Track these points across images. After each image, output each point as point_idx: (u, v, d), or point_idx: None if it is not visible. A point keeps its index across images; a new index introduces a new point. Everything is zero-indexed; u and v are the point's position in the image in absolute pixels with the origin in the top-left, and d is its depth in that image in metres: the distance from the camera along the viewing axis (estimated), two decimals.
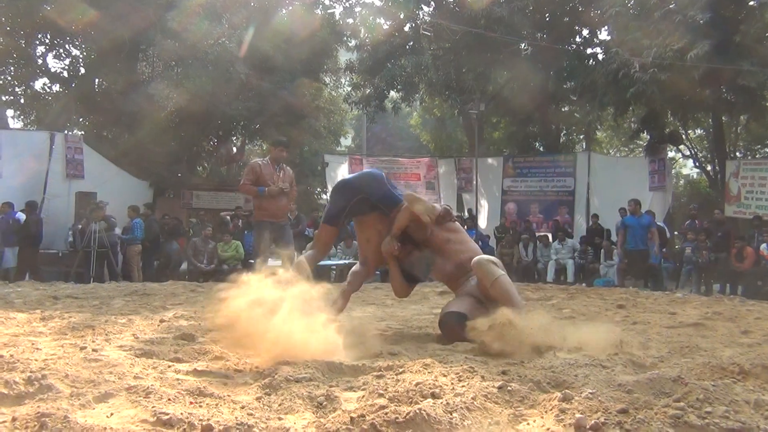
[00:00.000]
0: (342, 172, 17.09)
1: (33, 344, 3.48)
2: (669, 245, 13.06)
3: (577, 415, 2.01)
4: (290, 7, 17.36)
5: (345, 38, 18.20)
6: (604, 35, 16.61)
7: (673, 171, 20.57)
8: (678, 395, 2.30)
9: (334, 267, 12.35)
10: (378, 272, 12.35)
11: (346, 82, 21.02)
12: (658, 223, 13.16)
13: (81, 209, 12.83)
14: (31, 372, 2.55)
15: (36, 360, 2.92)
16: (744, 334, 4.34)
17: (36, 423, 1.88)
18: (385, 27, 17.78)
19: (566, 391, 2.32)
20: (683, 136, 19.72)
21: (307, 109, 17.97)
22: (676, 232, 14.23)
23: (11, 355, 2.98)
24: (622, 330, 4.44)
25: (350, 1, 18.44)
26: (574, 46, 16.67)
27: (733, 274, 11.37)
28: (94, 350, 3.27)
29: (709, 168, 19.97)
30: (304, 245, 12.96)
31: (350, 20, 18.15)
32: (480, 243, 13.81)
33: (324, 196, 20.82)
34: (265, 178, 6.84)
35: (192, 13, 14.09)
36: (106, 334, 3.93)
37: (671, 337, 4.17)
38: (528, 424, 2.08)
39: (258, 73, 15.24)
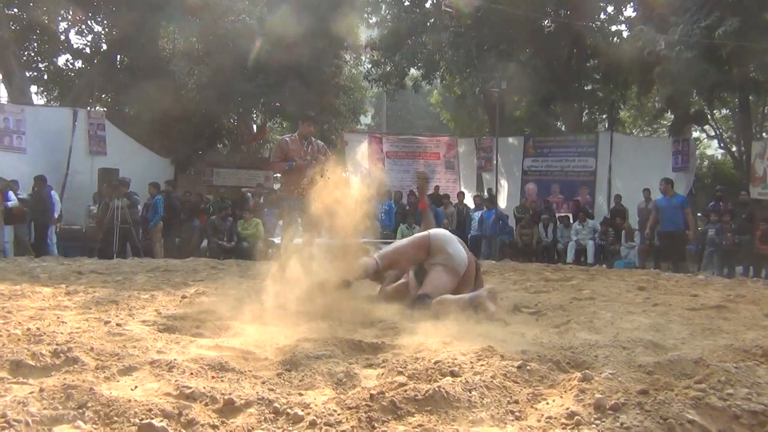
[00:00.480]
0: (361, 150, 17.05)
1: (58, 318, 3.55)
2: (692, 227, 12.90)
3: (597, 396, 2.01)
4: None
5: (366, 15, 18.04)
6: (629, 12, 16.31)
7: (697, 152, 20.26)
8: (699, 377, 2.28)
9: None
10: None
11: (367, 60, 20.90)
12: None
13: (104, 185, 13.00)
14: (57, 345, 2.60)
15: (62, 333, 2.98)
16: (767, 317, 4.29)
17: (62, 394, 1.92)
18: (406, 4, 17.59)
19: (586, 371, 2.31)
20: (708, 116, 19.36)
21: (327, 86, 17.91)
22: (699, 214, 14.03)
23: (38, 328, 3.05)
24: (643, 311, 4.41)
25: None
26: (599, 23, 16.37)
27: (757, 256, 11.20)
28: (117, 324, 3.33)
29: (734, 149, 19.61)
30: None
31: None
32: (500, 222, 13.78)
33: (343, 175, 20.78)
34: (293, 153, 6.64)
35: None
36: (130, 309, 3.99)
37: (693, 319, 4.13)
38: (547, 403, 2.08)
39: (278, 49, 15.18)
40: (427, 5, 17.45)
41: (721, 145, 21.94)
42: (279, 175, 6.69)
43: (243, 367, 2.50)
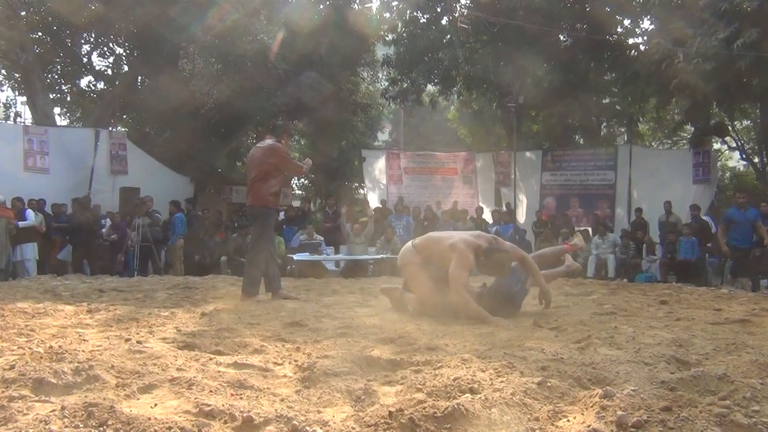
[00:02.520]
0: (379, 166, 17.10)
1: (80, 336, 3.59)
2: (714, 240, 12.72)
3: (619, 413, 1.98)
4: (328, 2, 17.41)
5: (382, 32, 18.17)
6: (646, 24, 16.24)
7: (719, 163, 20.02)
8: (724, 393, 2.25)
9: (371, 261, 12.36)
10: None
11: (384, 77, 21.02)
12: (703, 218, 12.83)
13: (125, 204, 13.16)
14: (78, 363, 2.63)
15: (83, 351, 3.01)
16: None
17: (83, 412, 1.94)
18: (422, 21, 17.70)
19: (607, 388, 2.28)
20: (729, 128, 19.16)
21: (345, 103, 18.03)
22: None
23: (60, 346, 3.08)
24: (665, 326, 4.35)
25: None
26: (615, 36, 16.33)
27: None
28: (138, 342, 3.36)
29: (756, 160, 19.36)
30: (340, 240, 13.07)
31: (387, 14, 18.10)
32: (517, 237, 13.70)
33: (361, 191, 20.87)
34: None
35: (231, 10, 14.26)
36: (150, 327, 4.02)
37: (716, 333, 4.06)
38: (568, 420, 2.06)
39: (296, 68, 15.34)
40: (443, 22, 17.53)
41: (743, 156, 21.68)
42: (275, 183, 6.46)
43: (262, 385, 2.51)
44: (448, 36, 17.22)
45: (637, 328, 4.21)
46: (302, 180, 25.03)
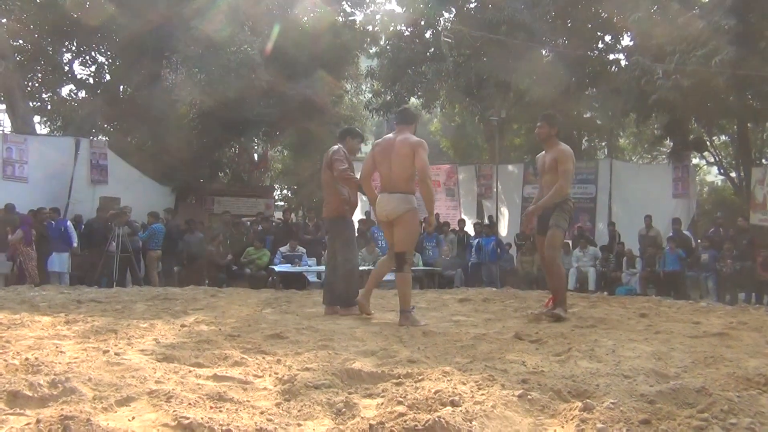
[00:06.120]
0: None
1: (57, 347, 3.53)
2: (693, 253, 12.89)
3: (599, 425, 1.99)
4: (312, 14, 17.47)
5: (366, 45, 18.25)
6: (626, 41, 16.49)
7: (698, 178, 20.31)
8: (702, 406, 2.26)
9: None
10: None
11: (367, 89, 21.09)
12: (684, 232, 13.00)
13: (103, 213, 13.04)
14: (55, 375, 2.59)
15: (60, 363, 2.96)
16: None
17: (59, 425, 1.91)
18: (406, 34, 17.81)
19: (587, 400, 2.29)
20: (708, 143, 19.46)
21: (328, 115, 18.05)
22: (699, 240, 14.05)
23: (36, 358, 3.03)
24: (645, 339, 4.38)
25: (371, 8, 18.52)
26: (596, 52, 16.56)
27: (759, 283, 11.17)
28: (116, 354, 3.31)
29: (734, 175, 19.67)
30: (322, 252, 13.03)
31: (371, 27, 18.21)
32: (499, 250, 13.77)
33: None
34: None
35: (215, 20, 14.24)
36: (129, 338, 3.97)
37: (695, 346, 4.10)
38: None
39: (280, 79, 15.33)
40: (427, 35, 17.66)
41: (721, 171, 22.02)
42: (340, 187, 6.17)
43: (241, 397, 2.48)
44: (432, 49, 17.34)
45: (617, 340, 4.24)
46: (284, 191, 25.00)
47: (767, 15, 12.18)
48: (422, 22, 17.41)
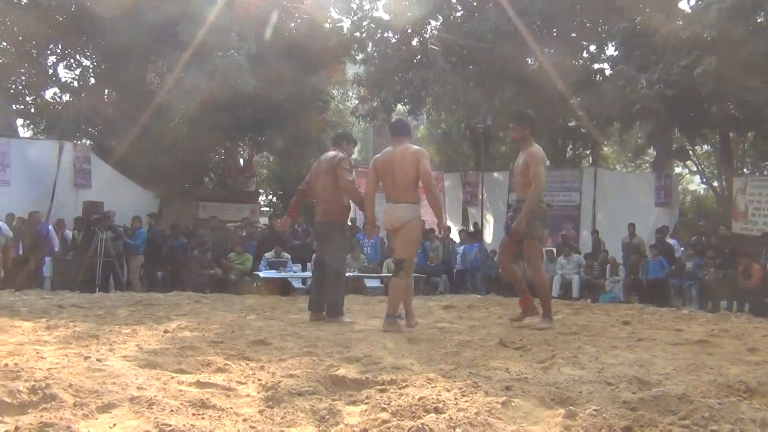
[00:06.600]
0: None
1: (37, 353, 3.49)
2: (677, 262, 13.00)
3: None
4: (299, 20, 17.48)
5: (353, 51, 18.28)
6: (611, 51, 16.65)
7: (680, 187, 20.52)
8: (683, 413, 2.28)
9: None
10: (382, 285, 12.36)
11: (353, 95, 21.10)
12: (668, 240, 13.11)
13: (87, 218, 12.92)
14: (35, 381, 2.56)
15: (40, 369, 2.93)
16: (750, 352, 4.30)
17: None
18: (393, 41, 17.86)
19: (570, 407, 2.31)
20: (690, 152, 19.69)
21: (315, 121, 18.05)
22: (682, 248, 14.19)
23: (16, 364, 2.99)
24: (627, 346, 4.41)
25: (358, 15, 18.54)
26: (581, 61, 16.70)
27: (740, 291, 11.29)
28: (98, 360, 3.28)
29: (716, 184, 19.91)
30: (308, 258, 12.99)
31: (358, 34, 18.24)
32: (483, 257, 13.80)
33: None
34: None
35: (201, 26, 14.18)
36: (111, 344, 3.94)
37: (677, 354, 4.14)
38: None
39: (266, 85, 15.31)
40: (414, 43, 17.72)
41: (704, 180, 22.28)
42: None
43: (224, 404, 2.47)
44: (419, 56, 17.41)
45: (600, 348, 4.27)
46: (270, 196, 24.91)
47: (748, 26, 12.35)
48: (409, 30, 17.47)
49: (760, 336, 5.28)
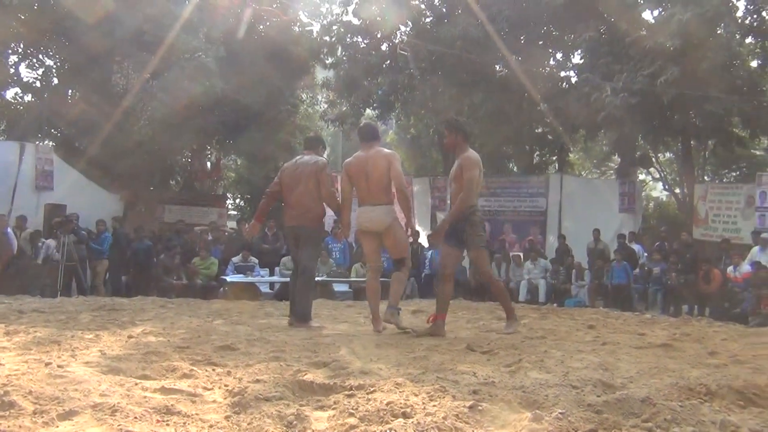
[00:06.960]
0: None
1: None
2: (641, 267, 13.25)
3: None
4: (268, 23, 17.38)
5: (322, 55, 18.24)
6: (576, 59, 16.92)
7: (643, 193, 20.93)
8: (646, 416, 2.32)
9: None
10: (351, 289, 12.33)
11: (323, 99, 21.05)
12: (632, 245, 13.35)
13: (49, 221, 12.64)
14: None
15: None
16: (711, 356, 4.40)
17: None
18: (363, 46, 17.87)
19: (536, 411, 2.33)
20: (653, 159, 20.11)
21: (283, 124, 17.95)
22: (645, 254, 14.46)
23: None
24: (592, 350, 4.48)
25: (328, 19, 18.52)
26: (548, 69, 16.93)
27: (701, 295, 11.55)
28: (59, 366, 3.20)
29: (678, 191, 20.35)
30: (276, 263, 12.90)
31: (327, 38, 18.21)
32: None
33: None
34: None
35: (169, 27, 14.00)
36: (72, 350, 3.85)
37: (640, 357, 4.21)
38: None
39: (234, 88, 15.19)
40: (383, 48, 17.76)
41: (666, 187, 22.75)
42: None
43: (190, 410, 2.43)
44: (388, 61, 17.45)
45: (566, 351, 4.32)
46: (237, 200, 24.69)
47: (709, 37, 12.67)
48: (378, 35, 17.51)
49: (719, 339, 5.41)
